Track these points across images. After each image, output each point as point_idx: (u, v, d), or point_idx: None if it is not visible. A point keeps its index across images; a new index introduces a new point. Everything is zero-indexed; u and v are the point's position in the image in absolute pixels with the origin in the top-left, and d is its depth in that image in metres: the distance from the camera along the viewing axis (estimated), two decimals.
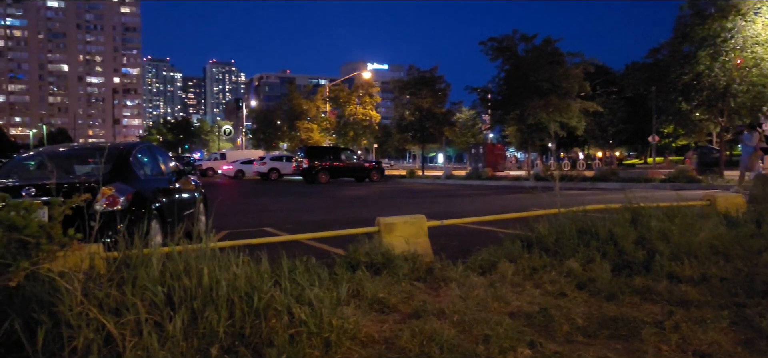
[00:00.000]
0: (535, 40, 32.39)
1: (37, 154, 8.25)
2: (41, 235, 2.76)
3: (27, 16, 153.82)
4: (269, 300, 3.41)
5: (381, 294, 4.23)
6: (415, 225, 6.19)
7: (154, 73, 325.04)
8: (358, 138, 50.88)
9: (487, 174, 30.32)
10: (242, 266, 3.59)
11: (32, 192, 5.97)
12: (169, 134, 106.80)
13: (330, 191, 23.78)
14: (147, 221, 6.22)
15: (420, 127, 38.69)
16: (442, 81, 38.72)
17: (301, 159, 32.72)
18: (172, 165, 8.91)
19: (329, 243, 7.57)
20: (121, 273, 3.32)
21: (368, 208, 15.33)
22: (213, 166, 47.39)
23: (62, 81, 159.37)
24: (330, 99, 53.59)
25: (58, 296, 3.01)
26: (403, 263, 5.19)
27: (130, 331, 2.94)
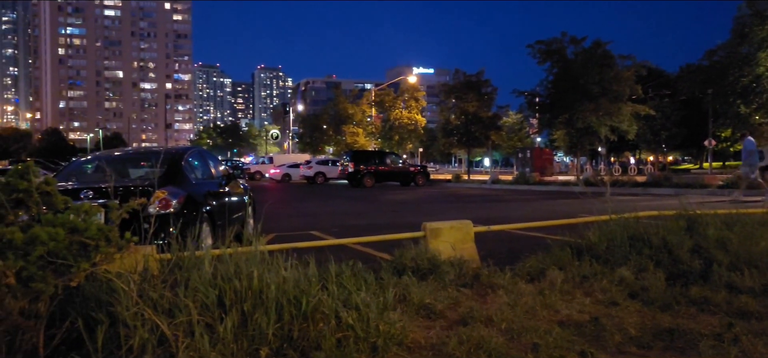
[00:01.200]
0: (584, 42, 31.77)
1: (94, 158, 8.53)
2: (100, 237, 2.86)
3: (86, 24, 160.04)
4: (317, 304, 3.44)
5: (427, 300, 4.21)
6: (461, 230, 6.14)
7: (205, 78, 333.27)
8: (403, 142, 50.92)
9: (534, 179, 29.86)
10: (291, 270, 3.63)
11: (90, 195, 6.16)
12: (219, 139, 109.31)
13: (375, 194, 23.85)
14: (198, 224, 6.37)
15: (466, 131, 38.43)
16: (488, 85, 38.38)
17: (347, 163, 32.94)
18: (222, 169, 9.07)
19: (375, 247, 7.59)
20: (175, 275, 3.41)
21: (413, 212, 15.31)
22: (260, 170, 48.17)
23: (117, 87, 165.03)
24: (375, 103, 53.80)
25: (115, 296, 3.10)
26: (449, 269, 5.16)
27: (182, 332, 3.02)
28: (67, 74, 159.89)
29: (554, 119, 33.67)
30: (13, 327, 2.69)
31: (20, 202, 3.06)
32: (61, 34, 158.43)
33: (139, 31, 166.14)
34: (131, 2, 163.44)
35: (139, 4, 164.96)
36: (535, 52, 32.52)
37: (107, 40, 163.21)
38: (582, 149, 37.19)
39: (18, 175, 3.07)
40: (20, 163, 3.49)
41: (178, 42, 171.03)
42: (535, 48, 32.52)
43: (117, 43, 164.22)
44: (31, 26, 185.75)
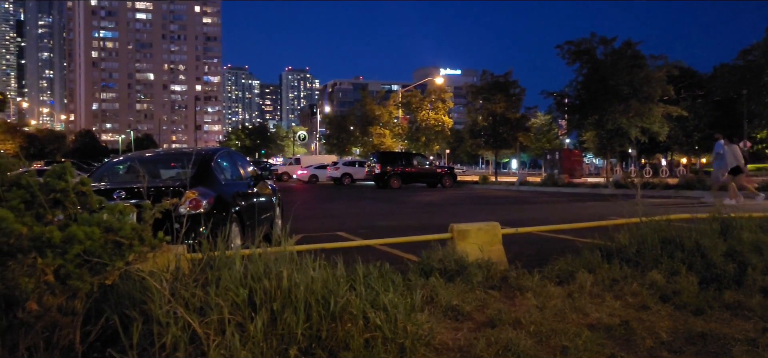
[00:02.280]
0: (614, 42, 31.26)
1: (126, 159, 8.70)
2: (134, 237, 2.92)
3: (118, 27, 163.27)
4: (345, 304, 3.46)
5: (455, 301, 4.21)
6: (489, 232, 6.12)
7: (234, 80, 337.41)
8: (430, 143, 50.78)
9: (563, 181, 29.53)
10: (319, 270, 3.66)
11: (122, 195, 6.29)
12: (247, 140, 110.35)
13: (402, 196, 23.85)
14: (227, 224, 6.45)
15: (493, 133, 38.19)
16: (516, 85, 38.06)
17: (374, 164, 33.00)
18: (251, 170, 9.17)
19: (401, 249, 7.60)
20: (206, 274, 3.46)
21: (440, 214, 15.27)
22: (288, 171, 48.52)
23: (148, 89, 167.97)
24: (402, 105, 53.79)
25: (148, 294, 3.17)
26: (477, 271, 5.14)
27: (213, 330, 3.07)
28: (100, 77, 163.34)
29: (583, 120, 33.21)
30: (51, 323, 2.77)
31: (58, 201, 3.15)
32: (95, 37, 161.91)
33: (170, 34, 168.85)
34: (162, 5, 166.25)
35: (170, 7, 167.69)
36: (563, 52, 32.15)
37: (139, 43, 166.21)
38: (612, 151, 36.59)
39: (56, 175, 3.16)
40: (55, 164, 3.59)
41: (207, 44, 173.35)
42: (563, 49, 32.15)
43: (148, 45, 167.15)
44: (66, 30, 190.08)
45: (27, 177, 3.10)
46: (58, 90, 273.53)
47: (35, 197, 3.00)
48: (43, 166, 32.51)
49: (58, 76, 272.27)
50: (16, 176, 3.08)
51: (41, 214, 2.96)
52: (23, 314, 2.61)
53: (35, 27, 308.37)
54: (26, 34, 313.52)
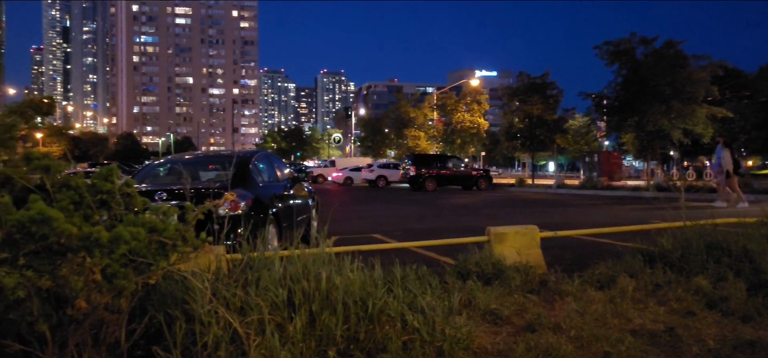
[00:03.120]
0: (655, 42, 30.56)
1: (166, 162, 8.90)
2: (177, 237, 2.98)
3: (159, 33, 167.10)
4: (383, 306, 3.46)
5: (493, 305, 4.17)
6: (526, 236, 6.04)
7: (270, 83, 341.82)
8: (465, 146, 50.45)
9: (602, 183, 29.00)
10: (357, 272, 3.67)
11: (163, 196, 6.42)
12: (283, 142, 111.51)
13: (437, 198, 23.77)
14: (265, 225, 6.53)
15: (530, 135, 37.73)
16: (553, 87, 37.53)
17: (408, 167, 32.96)
18: (287, 172, 9.26)
19: (437, 251, 7.57)
20: (246, 275, 3.51)
21: (476, 217, 15.17)
22: (323, 173, 48.89)
23: (187, 92, 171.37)
24: (437, 107, 53.62)
25: (189, 294, 3.23)
26: (515, 275, 5.09)
27: (253, 330, 3.10)
28: (141, 81, 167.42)
29: (623, 122, 32.52)
30: (98, 321, 2.84)
31: (104, 202, 3.23)
32: (136, 42, 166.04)
33: (208, 39, 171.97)
34: (201, 10, 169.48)
35: (209, 12, 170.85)
36: (602, 53, 31.56)
37: (178, 48, 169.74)
38: (653, 153, 35.75)
39: (102, 177, 3.24)
40: (98, 166, 3.68)
41: (244, 48, 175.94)
42: (602, 49, 31.55)
43: (187, 50, 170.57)
44: (108, 35, 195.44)
45: (75, 179, 3.19)
46: (101, 94, 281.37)
47: (83, 198, 3.08)
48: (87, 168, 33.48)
49: (102, 81, 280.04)
50: (65, 178, 3.17)
51: (89, 214, 3.04)
52: (72, 311, 2.69)
53: (80, 33, 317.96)
54: (72, 40, 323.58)
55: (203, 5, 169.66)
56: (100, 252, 2.68)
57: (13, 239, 2.53)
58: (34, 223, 2.51)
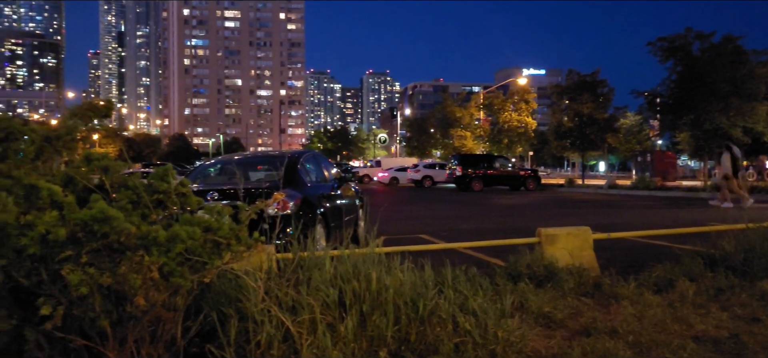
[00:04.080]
0: (712, 38, 29.45)
1: (216, 162, 9.08)
2: (231, 237, 3.01)
3: (209, 36, 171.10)
4: (434, 308, 3.43)
5: (546, 308, 4.08)
6: (579, 237, 5.90)
7: (316, 84, 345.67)
8: (512, 146, 49.77)
9: (655, 184, 28.13)
10: (407, 273, 3.65)
11: (215, 196, 6.54)
12: (329, 143, 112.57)
13: (484, 199, 23.52)
14: (313, 225, 6.57)
15: (579, 134, 36.92)
16: (604, 85, 36.64)
17: (455, 167, 32.72)
18: (334, 172, 9.31)
19: (486, 252, 7.47)
20: (297, 274, 3.53)
21: (524, 218, 14.93)
22: (369, 173, 49.03)
23: (236, 94, 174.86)
24: (484, 106, 53.07)
25: (242, 292, 3.27)
26: (567, 277, 4.97)
27: (305, 330, 3.12)
28: (191, 83, 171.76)
29: (678, 121, 31.46)
30: (155, 318, 2.91)
31: (160, 202, 3.30)
32: (187, 45, 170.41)
33: (256, 41, 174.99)
34: (249, 13, 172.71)
35: (257, 14, 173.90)
36: (656, 50, 30.61)
37: (227, 50, 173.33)
38: (709, 153, 34.48)
39: (158, 177, 3.31)
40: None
41: (291, 50, 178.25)
42: (656, 45, 30.60)
43: (236, 52, 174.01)
44: (161, 39, 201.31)
45: (133, 179, 3.27)
46: (153, 96, 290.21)
47: (141, 198, 3.15)
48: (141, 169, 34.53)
49: (154, 83, 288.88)
50: (124, 178, 3.25)
51: (146, 214, 3.11)
52: (131, 308, 2.75)
53: (134, 37, 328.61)
54: (126, 44, 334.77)
55: (252, 8, 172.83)
56: (157, 251, 2.73)
57: (77, 237, 2.61)
58: (96, 221, 2.58)
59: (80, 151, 3.79)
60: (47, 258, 2.61)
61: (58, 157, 3.65)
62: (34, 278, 2.62)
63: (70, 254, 2.61)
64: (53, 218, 2.56)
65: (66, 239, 2.57)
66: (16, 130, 3.13)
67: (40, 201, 2.83)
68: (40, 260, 2.60)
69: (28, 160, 3.17)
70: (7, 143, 3.08)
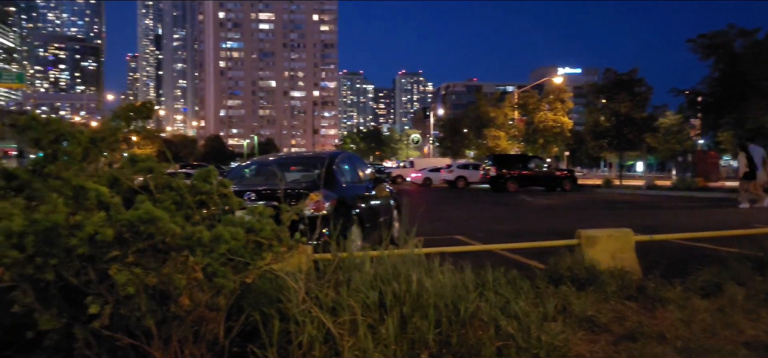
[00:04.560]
0: (756, 34, 28.52)
1: (252, 164, 9.16)
2: (273, 237, 3.03)
3: (243, 38, 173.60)
4: (475, 310, 3.39)
5: (590, 312, 3.99)
6: (620, 239, 5.78)
7: (349, 85, 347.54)
8: (548, 146, 49.11)
9: (697, 184, 27.40)
10: (447, 275, 3.61)
11: (252, 196, 6.60)
12: (362, 143, 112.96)
13: (519, 200, 23.26)
14: (348, 226, 6.57)
15: (617, 134, 36.21)
16: (642, 83, 35.85)
17: (489, 167, 32.42)
18: (369, 172, 9.30)
19: (523, 254, 7.37)
20: (337, 275, 3.52)
21: (561, 219, 14.71)
22: (402, 173, 48.95)
23: (270, 95, 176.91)
24: (518, 106, 52.47)
25: (284, 293, 3.28)
26: (610, 280, 4.86)
27: (346, 331, 3.11)
28: (227, 85, 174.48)
29: (720, 119, 30.55)
30: (198, 318, 2.94)
31: (203, 203, 3.33)
32: (223, 48, 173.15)
33: (290, 43, 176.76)
34: (283, 15, 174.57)
35: (290, 17, 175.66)
36: (697, 47, 29.76)
37: (262, 52, 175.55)
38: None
39: (201, 178, 3.35)
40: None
41: (324, 51, 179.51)
42: (696, 43, 29.76)
43: (270, 54, 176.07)
44: (197, 42, 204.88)
45: (176, 180, 3.31)
46: (190, 98, 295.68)
47: (184, 199, 3.19)
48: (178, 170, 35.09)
49: (190, 85, 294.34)
50: (167, 179, 3.29)
51: (189, 214, 3.14)
52: (175, 308, 2.79)
53: (171, 40, 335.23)
54: (163, 47, 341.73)
55: (285, 10, 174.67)
56: (201, 251, 2.76)
57: (124, 237, 2.65)
58: (142, 222, 2.62)
59: (119, 153, 3.87)
60: (95, 258, 2.66)
61: (102, 158, 3.73)
62: (83, 278, 2.67)
63: (117, 254, 2.65)
64: (101, 218, 2.61)
65: (113, 240, 2.61)
66: (65, 133, 3.20)
67: (87, 202, 2.88)
68: (88, 259, 2.65)
69: (75, 161, 3.24)
70: (56, 145, 3.15)
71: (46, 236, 2.53)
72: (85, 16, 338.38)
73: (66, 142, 3.17)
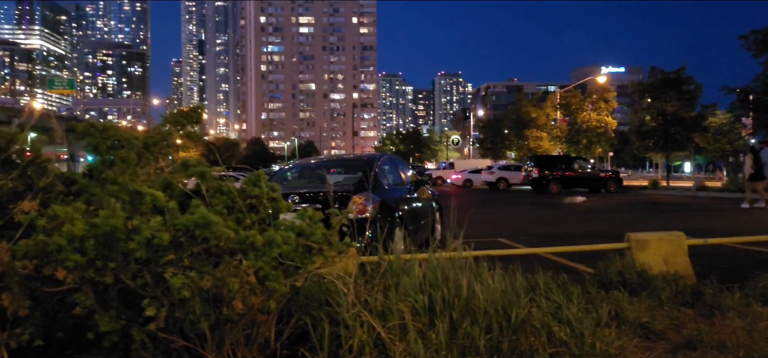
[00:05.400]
0: None
1: (295, 167, 9.24)
2: (323, 241, 3.03)
3: (284, 42, 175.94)
4: (526, 316, 3.32)
5: (644, 318, 3.87)
6: (672, 243, 5.61)
7: (388, 87, 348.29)
8: (591, 146, 48.11)
9: None
10: (498, 279, 3.56)
11: (295, 199, 6.65)
12: (401, 145, 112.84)
13: (562, 201, 22.87)
14: (391, 228, 6.56)
15: (663, 134, 35.25)
16: (690, 82, 34.80)
17: (531, 168, 31.97)
18: (411, 175, 9.27)
19: (569, 258, 7.22)
20: (386, 279, 3.51)
21: (607, 221, 14.39)
22: (442, 175, 48.74)
23: (310, 98, 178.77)
24: (561, 106, 51.63)
25: (332, 297, 3.28)
26: (663, 285, 4.71)
27: (396, 336, 3.09)
28: (268, 88, 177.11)
29: None
30: (250, 321, 2.96)
31: (253, 207, 3.37)
32: (264, 52, 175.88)
33: (330, 46, 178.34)
34: (323, 18, 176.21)
35: (330, 20, 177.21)
36: (749, 43, 28.71)
37: (302, 55, 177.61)
38: None
39: (251, 182, 3.38)
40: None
41: (364, 54, 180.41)
42: (749, 39, 28.71)
43: (310, 57, 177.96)
44: (239, 46, 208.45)
45: (227, 184, 3.35)
46: (232, 102, 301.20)
47: (235, 203, 3.23)
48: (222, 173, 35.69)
49: (232, 89, 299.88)
50: (219, 183, 3.34)
51: (240, 218, 3.18)
52: (228, 311, 2.82)
53: (214, 45, 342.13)
54: (206, 52, 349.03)
55: (325, 13, 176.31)
56: (254, 255, 2.78)
57: (179, 241, 2.69)
58: (197, 227, 2.66)
59: (170, 158, 3.94)
60: (151, 261, 2.71)
61: (154, 162, 3.81)
62: (139, 281, 2.73)
63: (172, 257, 2.69)
64: (158, 223, 2.65)
65: (169, 244, 2.66)
66: (121, 138, 3.27)
67: (143, 206, 2.95)
68: (144, 263, 2.70)
69: (130, 166, 3.31)
70: (114, 150, 3.23)
71: (106, 240, 2.59)
72: (132, 23, 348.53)
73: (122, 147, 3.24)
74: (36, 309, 2.71)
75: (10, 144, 3.11)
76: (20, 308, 2.57)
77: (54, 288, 2.64)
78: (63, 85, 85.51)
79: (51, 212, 2.66)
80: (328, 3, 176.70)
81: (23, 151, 3.19)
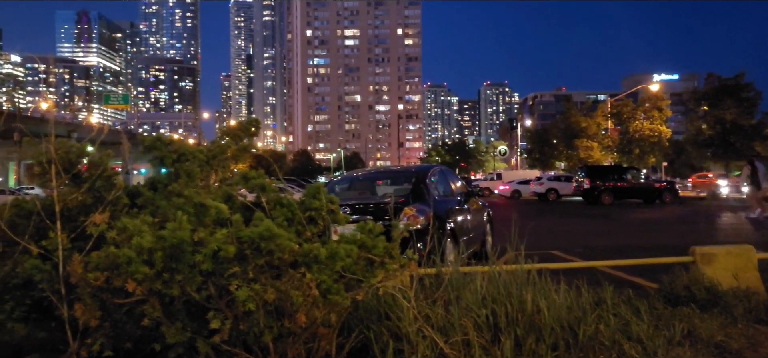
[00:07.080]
0: None
1: (344, 179, 9.27)
2: (385, 255, 3.00)
3: (330, 55, 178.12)
4: (593, 333, 3.20)
5: (718, 336, 3.68)
6: (741, 257, 5.35)
7: (433, 98, 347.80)
8: (644, 156, 46.80)
9: None
10: (562, 294, 3.44)
11: (346, 211, 6.63)
12: (446, 156, 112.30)
13: (615, 213, 22.25)
14: (443, 240, 6.47)
15: (721, 143, 34.04)
16: (749, 88, 33.60)
17: (582, 179, 31.27)
18: (460, 186, 9.17)
19: (628, 271, 6.97)
20: (447, 293, 3.45)
21: (664, 233, 13.93)
22: (489, 186, 48.19)
23: (355, 110, 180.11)
24: (612, 115, 50.44)
25: (393, 311, 3.23)
26: (735, 301, 4.49)
27: (460, 353, 3.02)
28: (314, 101, 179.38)
29: None
30: (312, 335, 2.95)
31: (312, 219, 3.36)
32: (310, 65, 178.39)
33: (375, 58, 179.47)
34: (368, 31, 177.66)
35: (375, 32, 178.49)
36: None
37: (347, 68, 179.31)
38: None
39: (311, 195, 3.38)
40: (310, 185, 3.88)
41: (408, 65, 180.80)
42: None
43: (355, 69, 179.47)
44: (285, 60, 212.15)
45: (287, 197, 3.36)
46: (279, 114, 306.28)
47: (295, 215, 3.23)
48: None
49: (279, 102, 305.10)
50: (278, 196, 3.35)
51: (300, 231, 3.18)
52: (290, 324, 2.81)
53: (262, 59, 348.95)
54: (254, 66, 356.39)
55: (370, 25, 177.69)
56: (317, 268, 2.77)
57: (244, 254, 2.70)
58: (263, 239, 2.66)
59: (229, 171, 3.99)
60: (215, 274, 2.73)
61: (214, 175, 3.86)
62: (204, 293, 2.75)
63: (237, 270, 2.70)
64: (223, 235, 2.67)
65: (234, 256, 2.67)
66: (186, 152, 3.32)
67: (207, 218, 2.98)
68: (209, 275, 2.72)
69: (194, 179, 3.36)
70: (179, 164, 3.28)
71: (173, 253, 2.62)
72: (183, 39, 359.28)
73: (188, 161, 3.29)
74: (106, 320, 2.76)
75: (80, 158, 3.19)
76: (91, 318, 2.62)
77: (123, 299, 2.68)
78: (118, 100, 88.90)
79: (120, 224, 2.71)
80: (373, 15, 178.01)
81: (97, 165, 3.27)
